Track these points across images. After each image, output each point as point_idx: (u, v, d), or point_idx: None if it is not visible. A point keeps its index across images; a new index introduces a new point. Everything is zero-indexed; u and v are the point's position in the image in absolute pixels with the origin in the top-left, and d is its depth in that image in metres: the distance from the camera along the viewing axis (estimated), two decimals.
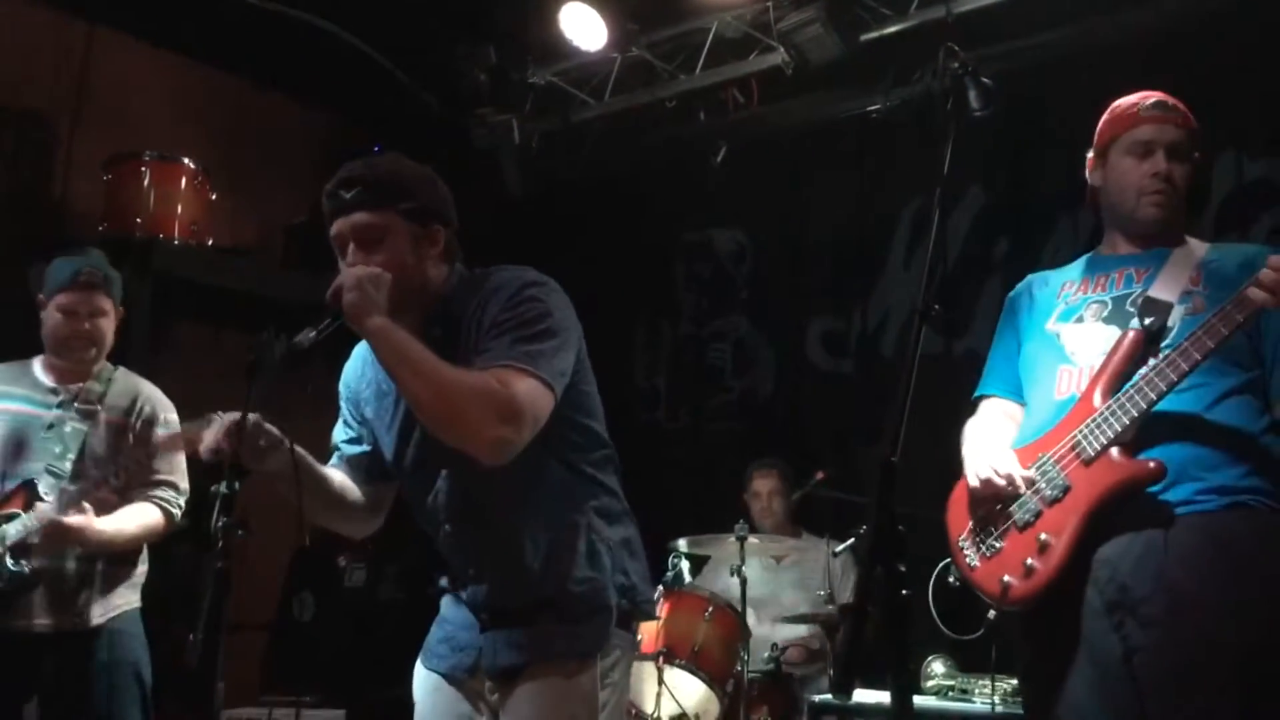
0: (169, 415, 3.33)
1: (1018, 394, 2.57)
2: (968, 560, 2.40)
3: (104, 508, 3.14)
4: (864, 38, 4.94)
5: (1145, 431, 2.21)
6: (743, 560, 4.11)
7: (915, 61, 4.86)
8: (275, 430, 2.09)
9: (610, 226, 5.99)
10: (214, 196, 5.22)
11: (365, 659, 5.15)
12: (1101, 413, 2.24)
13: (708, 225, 6.18)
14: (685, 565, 4.32)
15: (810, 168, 5.71)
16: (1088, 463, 2.23)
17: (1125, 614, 2.14)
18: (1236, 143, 4.41)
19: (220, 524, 2.03)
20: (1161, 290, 2.34)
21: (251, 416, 2.03)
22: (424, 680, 2.29)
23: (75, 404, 3.22)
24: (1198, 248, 2.44)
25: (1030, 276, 2.68)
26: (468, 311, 2.14)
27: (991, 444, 2.45)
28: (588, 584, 2.15)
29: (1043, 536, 2.24)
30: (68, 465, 3.15)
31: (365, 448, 2.33)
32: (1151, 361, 2.24)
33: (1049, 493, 2.27)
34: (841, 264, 5.63)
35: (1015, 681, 3.66)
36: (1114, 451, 2.21)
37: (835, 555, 4.26)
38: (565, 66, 5.70)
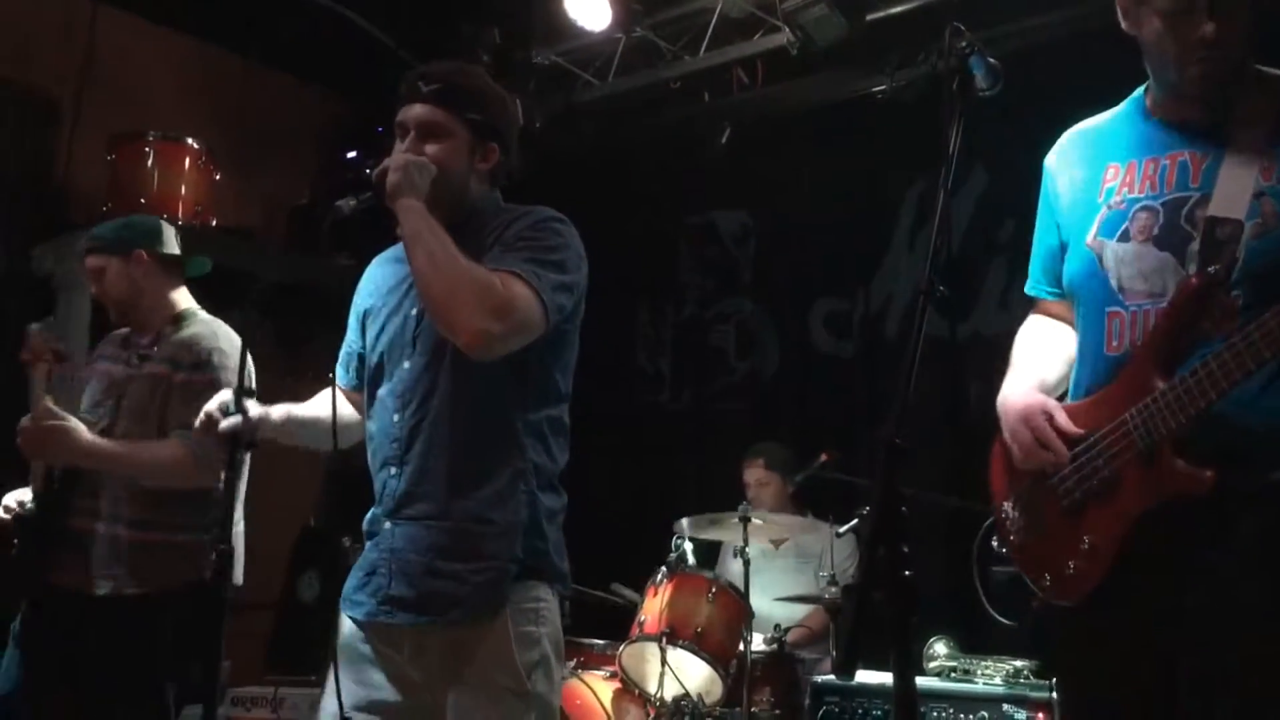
0: (205, 358, 3.13)
1: (1064, 290, 2.21)
2: (1012, 537, 2.16)
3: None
4: (869, 18, 4.91)
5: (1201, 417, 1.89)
6: (746, 541, 4.12)
7: (921, 41, 4.84)
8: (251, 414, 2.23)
9: (614, 208, 5.96)
10: (218, 177, 5.22)
11: None
12: (1158, 398, 1.91)
13: (711, 206, 6.17)
14: (688, 546, 4.32)
15: (815, 149, 5.69)
16: (1139, 458, 1.94)
17: (1178, 608, 1.92)
18: None
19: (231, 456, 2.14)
20: (1226, 198, 1.93)
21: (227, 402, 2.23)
22: (343, 629, 2.29)
23: (136, 354, 3.22)
24: (1270, 107, 1.97)
25: (1068, 136, 2.26)
26: (492, 225, 2.26)
27: (1024, 390, 2.14)
28: (495, 527, 2.15)
29: (1087, 540, 1.99)
30: (101, 411, 3.14)
31: (359, 354, 2.42)
32: (1219, 335, 1.88)
33: (1095, 485, 2.00)
34: (846, 246, 5.62)
35: (1017, 663, 3.67)
36: (1169, 456, 1.89)
37: (839, 536, 4.26)
38: (569, 47, 5.67)
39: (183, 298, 3.34)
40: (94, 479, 3.09)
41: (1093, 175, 2.15)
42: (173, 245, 3.34)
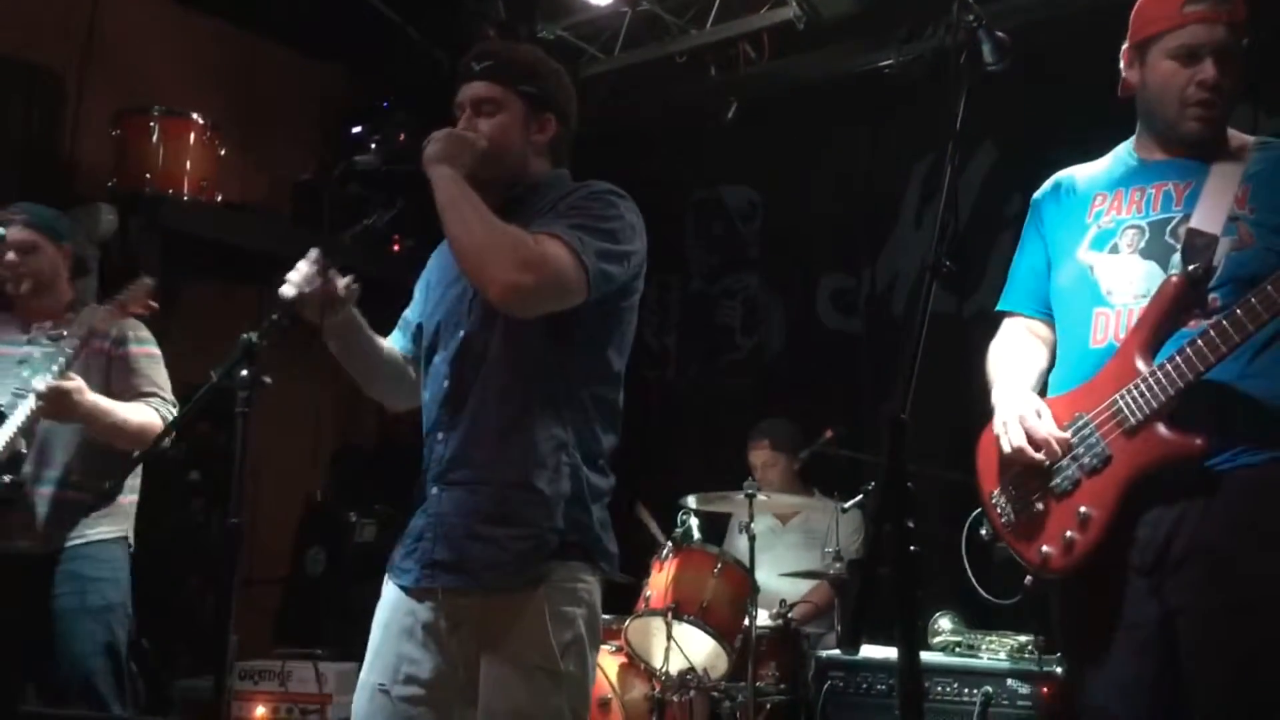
0: (139, 333, 3.40)
1: (1044, 311, 2.42)
2: (1002, 519, 2.30)
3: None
4: None
5: (1185, 394, 2.07)
6: (751, 517, 4.13)
7: (928, 15, 4.81)
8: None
9: (619, 183, 5.90)
10: (223, 152, 5.21)
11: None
12: (1145, 379, 2.09)
13: (718, 182, 6.15)
14: (694, 522, 4.33)
15: (822, 124, 5.66)
16: (1130, 433, 2.11)
17: (1165, 576, 2.08)
18: (1253, 97, 4.35)
19: (244, 375, 2.13)
20: (1205, 216, 2.14)
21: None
22: (385, 595, 2.30)
23: (44, 335, 3.33)
24: (1241, 150, 2.22)
25: (1057, 177, 2.45)
26: (550, 197, 2.28)
27: (1020, 389, 2.30)
28: (535, 495, 2.15)
29: (1083, 510, 2.14)
30: (36, 385, 3.19)
31: (418, 325, 2.44)
32: (1198, 325, 2.08)
33: (1088, 461, 2.15)
34: (852, 222, 5.60)
35: (1022, 638, 3.69)
36: (1159, 426, 2.08)
37: (844, 511, 4.27)
38: (574, 21, 5.65)
39: (74, 292, 3.52)
40: (41, 442, 3.23)
41: (1082, 202, 2.35)
42: (82, 247, 3.57)
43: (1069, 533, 2.16)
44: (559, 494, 2.16)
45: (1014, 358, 2.40)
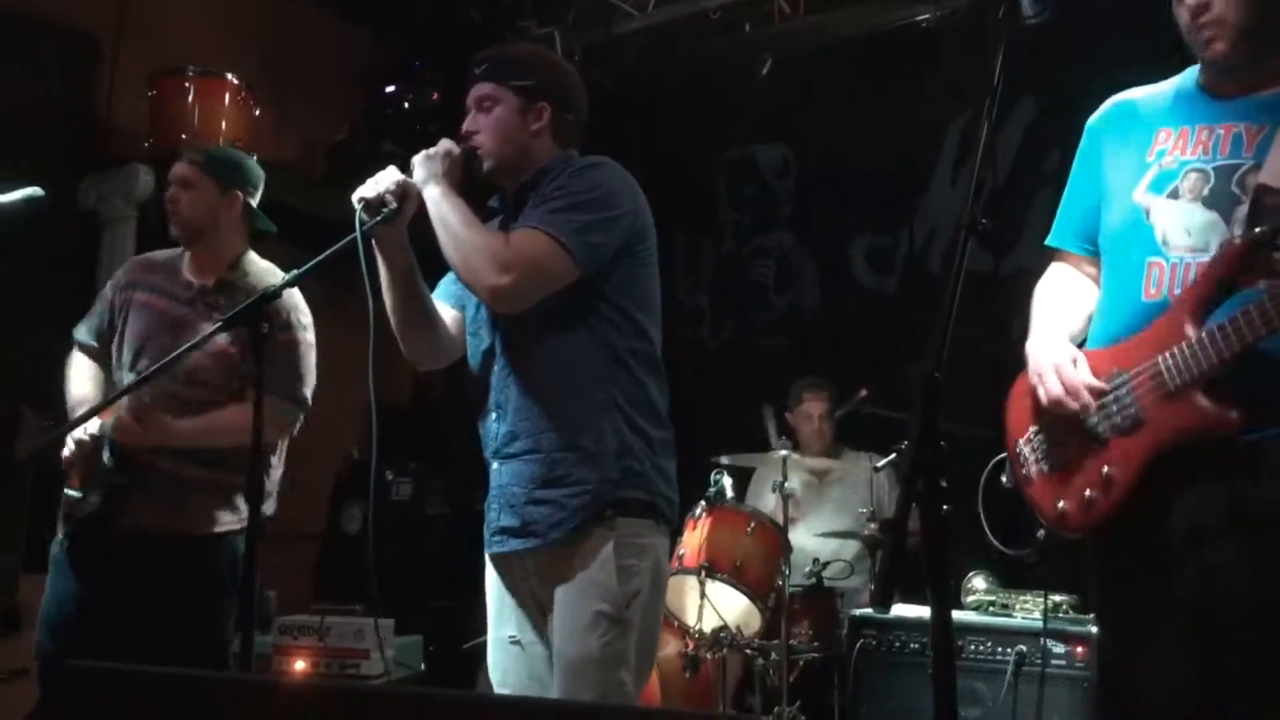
0: (300, 316, 3.16)
1: (1092, 249, 2.29)
2: (1025, 470, 2.23)
3: (207, 408, 3.04)
4: None
5: (1232, 364, 1.92)
6: (785, 476, 4.13)
7: None
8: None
9: (652, 141, 5.92)
10: (257, 112, 5.21)
11: (413, 570, 5.26)
12: (1191, 343, 1.95)
13: (751, 140, 6.10)
14: (727, 481, 4.34)
15: (857, 80, 5.60)
16: (1166, 398, 1.98)
17: (1205, 544, 1.97)
18: None
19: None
20: (1278, 170, 1.97)
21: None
22: (487, 563, 2.51)
23: (205, 300, 3.12)
24: None
25: (1116, 100, 2.30)
26: (551, 180, 2.43)
27: (1056, 338, 2.20)
28: (582, 453, 2.32)
29: (1106, 470, 2.05)
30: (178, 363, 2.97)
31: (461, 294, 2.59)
32: (1256, 289, 1.91)
33: (1119, 421, 2.05)
34: (888, 180, 5.54)
35: (1057, 598, 3.68)
36: (1197, 394, 1.94)
37: (877, 470, 4.26)
38: None
39: (244, 245, 3.30)
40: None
41: (1143, 137, 2.18)
42: (256, 198, 3.36)
43: (1089, 491, 2.08)
44: (606, 449, 2.33)
45: (1059, 302, 2.29)
